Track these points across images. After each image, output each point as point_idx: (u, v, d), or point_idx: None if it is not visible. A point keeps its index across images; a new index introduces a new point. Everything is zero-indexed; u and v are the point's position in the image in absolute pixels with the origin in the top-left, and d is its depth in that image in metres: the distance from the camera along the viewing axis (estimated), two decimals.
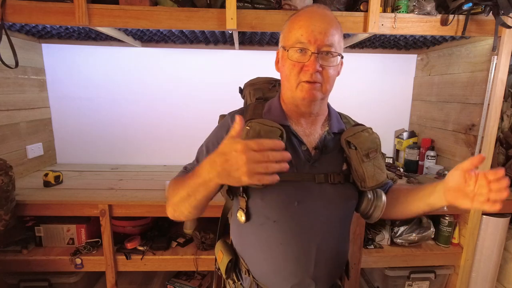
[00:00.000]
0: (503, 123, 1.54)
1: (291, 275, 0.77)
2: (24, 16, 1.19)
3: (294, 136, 0.78)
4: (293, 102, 0.78)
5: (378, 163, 0.79)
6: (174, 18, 1.22)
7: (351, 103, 1.98)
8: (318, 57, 0.70)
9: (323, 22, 0.71)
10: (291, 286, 0.77)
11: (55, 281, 1.46)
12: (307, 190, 0.76)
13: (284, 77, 0.76)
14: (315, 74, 0.70)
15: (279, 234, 0.76)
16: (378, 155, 0.79)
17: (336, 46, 0.72)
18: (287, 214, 0.75)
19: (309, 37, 0.70)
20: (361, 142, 0.77)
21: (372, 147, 0.78)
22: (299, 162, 0.76)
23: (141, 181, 1.64)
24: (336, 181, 0.77)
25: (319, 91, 0.73)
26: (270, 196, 0.75)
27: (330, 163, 0.79)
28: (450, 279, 1.63)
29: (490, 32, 1.29)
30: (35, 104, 1.76)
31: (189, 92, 1.93)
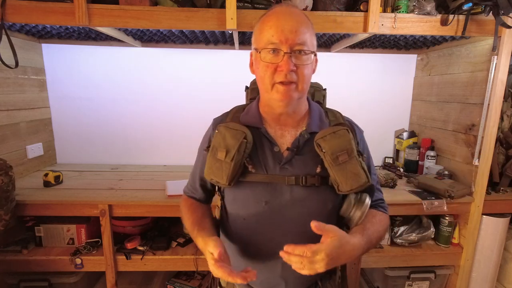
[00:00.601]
0: (503, 123, 1.54)
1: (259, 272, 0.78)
2: (24, 16, 1.19)
3: (266, 138, 0.79)
4: (268, 103, 0.79)
5: (352, 166, 0.73)
6: (174, 18, 1.22)
7: (351, 103, 1.98)
8: (291, 57, 0.70)
9: (293, 21, 0.70)
10: (260, 282, 0.82)
11: (55, 281, 1.46)
12: (276, 192, 0.77)
13: (259, 79, 0.76)
14: (289, 74, 0.70)
15: (248, 232, 0.81)
16: (351, 159, 0.73)
17: (308, 44, 0.72)
18: (255, 213, 0.78)
19: (280, 37, 0.69)
20: (329, 145, 0.73)
21: (341, 150, 0.73)
22: (270, 163, 0.78)
23: (141, 181, 1.64)
24: (309, 183, 0.76)
25: (295, 92, 0.73)
26: (240, 196, 0.80)
27: (304, 165, 0.77)
28: (450, 279, 1.63)
29: (490, 32, 1.29)
30: (35, 104, 1.76)
31: (189, 92, 1.93)
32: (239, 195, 0.80)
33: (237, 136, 0.75)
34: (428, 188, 1.51)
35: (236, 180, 0.77)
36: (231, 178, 0.76)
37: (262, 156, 0.78)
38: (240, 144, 0.74)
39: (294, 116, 0.80)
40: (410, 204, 1.43)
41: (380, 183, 1.57)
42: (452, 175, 1.62)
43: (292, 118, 0.80)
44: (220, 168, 0.76)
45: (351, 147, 0.74)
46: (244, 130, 0.76)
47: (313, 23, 1.22)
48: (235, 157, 0.74)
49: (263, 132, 0.80)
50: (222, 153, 0.75)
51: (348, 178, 0.73)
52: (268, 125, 0.81)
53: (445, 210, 1.43)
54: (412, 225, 1.55)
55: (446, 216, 1.52)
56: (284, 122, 0.81)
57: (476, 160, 1.45)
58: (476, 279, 1.57)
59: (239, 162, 0.75)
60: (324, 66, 1.92)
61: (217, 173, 0.77)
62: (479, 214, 1.48)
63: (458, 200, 1.44)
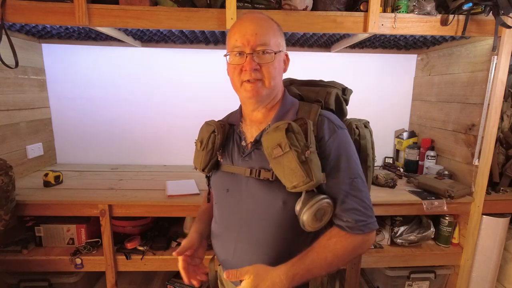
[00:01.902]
0: (503, 123, 1.54)
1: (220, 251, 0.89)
2: (24, 16, 1.20)
3: (237, 133, 0.89)
4: (242, 101, 0.88)
5: (288, 162, 0.71)
6: (174, 18, 1.22)
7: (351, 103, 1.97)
8: (254, 57, 0.77)
9: (253, 25, 0.78)
10: (221, 262, 0.90)
11: (55, 281, 1.46)
12: (236, 181, 0.85)
13: (231, 81, 0.84)
14: (253, 72, 0.77)
15: (217, 215, 0.92)
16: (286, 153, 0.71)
17: (271, 44, 0.78)
18: (221, 199, 0.90)
19: (243, 40, 0.77)
20: (266, 140, 0.75)
21: (275, 144, 0.73)
22: (235, 155, 0.87)
23: (141, 181, 1.64)
24: (262, 177, 0.79)
25: (262, 88, 0.79)
26: (214, 182, 0.93)
27: (262, 159, 0.80)
28: (450, 279, 1.63)
29: (490, 32, 1.29)
30: (35, 104, 1.76)
31: (189, 92, 1.93)
32: (214, 181, 0.93)
33: (209, 130, 0.88)
34: (428, 188, 1.51)
35: (209, 168, 0.90)
36: (204, 165, 0.89)
37: (232, 149, 0.88)
38: (209, 136, 0.87)
39: (264, 112, 0.85)
40: (410, 204, 1.43)
41: (380, 183, 1.58)
42: (452, 175, 1.62)
43: (262, 114, 0.86)
44: (198, 157, 0.91)
45: (284, 141, 0.72)
46: (215, 125, 0.88)
47: (313, 23, 1.25)
48: (206, 147, 0.87)
49: (235, 128, 0.90)
50: (199, 144, 0.91)
51: (286, 173, 0.72)
52: (244, 121, 0.91)
53: (445, 210, 1.43)
54: (412, 225, 1.55)
55: (446, 216, 1.52)
56: (256, 119, 0.87)
57: (476, 160, 1.45)
58: (476, 279, 1.57)
59: (210, 152, 0.87)
60: (324, 66, 1.92)
61: (196, 161, 0.93)
62: (479, 214, 1.48)
63: (458, 200, 1.44)
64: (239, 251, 0.83)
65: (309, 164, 0.71)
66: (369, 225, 0.76)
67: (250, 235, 0.82)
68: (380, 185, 1.58)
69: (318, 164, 0.73)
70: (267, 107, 0.85)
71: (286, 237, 0.80)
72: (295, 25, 1.25)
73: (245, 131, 0.88)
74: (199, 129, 0.94)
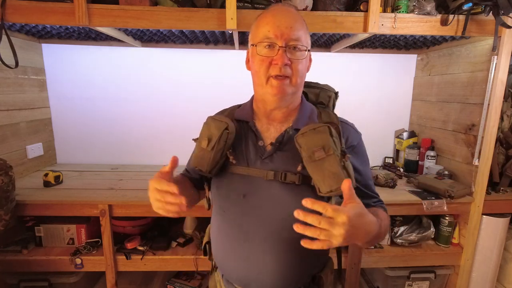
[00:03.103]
0: (503, 123, 1.54)
1: (235, 267, 0.79)
2: (24, 16, 1.19)
3: (253, 131, 0.81)
4: (263, 98, 0.79)
5: (330, 165, 0.69)
6: (174, 18, 1.22)
7: (351, 103, 1.98)
8: (286, 51, 0.72)
9: (288, 18, 0.73)
10: (235, 278, 0.81)
11: (55, 281, 1.46)
12: (255, 185, 0.77)
13: (254, 74, 0.78)
14: (284, 67, 0.72)
15: (226, 225, 0.81)
16: (329, 156, 0.69)
17: (302, 40, 0.74)
18: (233, 206, 0.79)
19: (276, 32, 0.72)
20: (306, 141, 0.71)
21: (317, 146, 0.70)
22: (252, 156, 0.78)
23: (141, 181, 1.64)
24: (288, 180, 0.74)
25: (289, 86, 0.74)
26: (222, 186, 0.81)
27: (285, 162, 0.76)
28: (450, 279, 1.63)
29: (490, 32, 1.29)
30: (35, 104, 1.76)
31: (189, 92, 1.93)
32: (221, 186, 0.81)
33: (220, 126, 0.77)
34: (428, 188, 1.51)
35: (217, 169, 0.79)
36: (211, 167, 0.77)
37: (246, 149, 0.80)
38: (222, 133, 0.76)
39: (285, 111, 0.81)
40: (410, 204, 1.43)
41: (380, 183, 1.58)
42: (452, 175, 1.62)
43: (282, 113, 0.81)
44: (202, 157, 0.78)
45: (328, 144, 0.70)
46: (227, 121, 0.78)
47: (313, 23, 1.25)
48: (216, 146, 0.76)
49: (251, 126, 0.82)
50: (205, 142, 0.78)
51: (326, 177, 0.69)
52: (258, 119, 0.83)
53: (445, 210, 1.43)
54: (412, 225, 1.55)
55: (446, 216, 1.52)
56: (273, 117, 0.81)
57: (476, 160, 1.45)
58: (476, 279, 1.57)
59: (220, 152, 0.77)
60: (324, 66, 1.92)
61: (200, 161, 0.79)
62: (479, 214, 1.48)
63: (458, 200, 1.44)
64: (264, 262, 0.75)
65: (347, 169, 0.70)
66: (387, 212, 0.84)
67: (274, 244, 0.75)
68: (380, 185, 1.58)
69: (352, 169, 0.73)
70: (289, 107, 0.80)
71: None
72: None
73: (262, 131, 0.81)
74: (203, 125, 0.83)
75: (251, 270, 0.77)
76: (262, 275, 0.76)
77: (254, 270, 0.77)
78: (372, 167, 1.98)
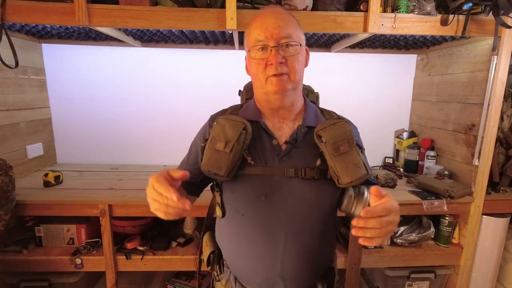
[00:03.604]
0: (503, 123, 1.54)
1: (258, 270, 0.78)
2: (24, 16, 1.19)
3: (265, 131, 0.80)
4: (265, 98, 0.80)
5: (353, 157, 0.74)
6: (174, 18, 1.22)
7: (351, 103, 1.98)
8: (279, 50, 0.74)
9: (275, 18, 0.75)
10: (259, 281, 0.79)
11: (55, 281, 1.46)
12: (275, 184, 0.76)
13: (254, 77, 0.80)
14: (279, 66, 0.73)
15: (246, 228, 0.78)
16: (352, 149, 0.74)
17: (293, 36, 0.76)
18: (254, 208, 0.77)
19: (266, 33, 0.74)
20: (330, 135, 0.75)
21: (342, 139, 0.74)
22: (268, 156, 0.78)
23: (141, 181, 1.64)
24: (308, 176, 0.76)
25: (288, 82, 0.76)
26: (239, 189, 0.78)
27: (303, 158, 0.78)
28: (450, 279, 1.63)
29: (490, 32, 1.29)
30: (35, 104, 1.76)
31: (189, 92, 1.93)
32: (238, 188, 0.78)
33: (237, 127, 0.76)
34: (428, 188, 1.51)
35: (234, 172, 0.75)
36: (230, 170, 0.74)
37: (261, 148, 0.79)
38: (240, 134, 0.75)
39: (292, 109, 0.82)
40: (410, 204, 1.43)
41: (380, 183, 1.58)
42: (452, 175, 1.62)
43: (290, 112, 0.82)
44: (219, 159, 0.75)
45: (352, 137, 0.75)
46: (244, 121, 0.77)
47: (313, 23, 1.25)
48: (235, 148, 0.74)
49: (262, 125, 0.81)
50: (221, 144, 0.75)
51: (349, 169, 0.73)
52: (266, 118, 0.83)
53: (445, 210, 1.43)
54: (412, 225, 1.55)
55: (446, 216, 1.52)
56: (282, 116, 0.82)
57: (476, 160, 1.45)
58: (476, 279, 1.57)
59: (239, 153, 0.75)
60: (324, 66, 1.92)
61: (215, 164, 0.75)
62: (479, 214, 1.48)
63: (458, 200, 1.44)
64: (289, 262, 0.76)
65: (363, 161, 0.76)
66: None
67: (299, 241, 0.76)
68: (380, 185, 1.58)
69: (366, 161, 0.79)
70: (294, 104, 0.81)
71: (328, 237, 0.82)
72: None
73: (273, 130, 0.81)
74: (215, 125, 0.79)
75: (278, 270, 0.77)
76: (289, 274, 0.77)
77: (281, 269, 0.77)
78: (372, 167, 1.98)
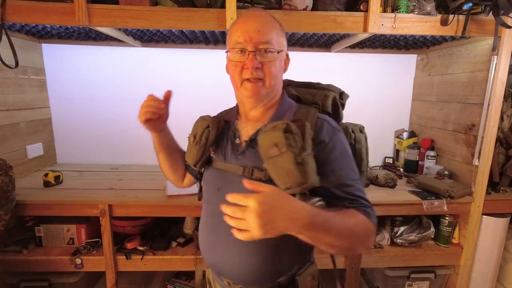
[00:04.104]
0: (503, 123, 1.54)
1: (208, 255, 0.86)
2: (24, 16, 1.20)
3: (232, 130, 0.87)
4: (241, 100, 0.86)
5: (283, 162, 0.69)
6: (174, 18, 1.22)
7: (351, 103, 1.97)
8: (256, 55, 0.75)
9: (256, 22, 0.76)
10: (210, 266, 0.88)
11: (55, 281, 1.46)
12: (228, 180, 0.82)
13: (231, 78, 0.83)
14: (255, 71, 0.75)
15: (205, 215, 0.89)
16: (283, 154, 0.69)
17: (273, 43, 0.77)
18: (211, 199, 0.86)
19: (245, 37, 0.75)
20: (262, 138, 0.73)
21: (272, 143, 0.71)
22: (228, 153, 0.84)
23: (141, 181, 1.64)
24: (255, 177, 0.76)
25: (262, 88, 0.77)
26: (205, 180, 0.91)
27: (256, 158, 0.77)
28: (450, 279, 1.63)
29: (490, 32, 1.29)
30: (35, 104, 1.76)
31: (189, 92, 1.93)
32: (205, 179, 0.90)
33: (203, 125, 0.87)
34: (428, 188, 1.51)
35: (201, 163, 0.88)
36: (196, 161, 0.87)
37: (226, 146, 0.86)
38: (203, 131, 0.86)
39: (262, 110, 0.84)
40: (410, 204, 1.43)
41: (380, 183, 1.58)
42: (452, 175, 1.62)
43: (259, 112, 0.84)
44: (190, 152, 0.89)
45: (281, 141, 0.69)
46: (209, 120, 0.87)
47: (313, 23, 1.25)
48: (199, 142, 0.86)
49: (232, 124, 0.89)
50: (192, 138, 0.89)
51: (280, 174, 0.70)
52: (241, 120, 0.88)
53: (445, 210, 1.43)
54: (412, 225, 1.55)
55: (446, 216, 1.52)
56: (252, 117, 0.86)
57: (476, 160, 1.45)
58: (476, 279, 1.57)
59: (203, 147, 0.85)
60: (324, 66, 1.92)
61: (188, 155, 0.90)
62: (479, 214, 1.48)
63: (458, 200, 1.44)
64: (227, 255, 0.80)
65: (304, 166, 0.69)
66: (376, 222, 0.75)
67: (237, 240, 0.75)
68: (380, 185, 1.58)
69: (313, 166, 0.71)
70: (266, 106, 0.83)
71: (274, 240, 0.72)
72: (295, 25, 1.25)
73: (240, 129, 0.86)
74: (194, 124, 0.92)
75: (220, 259, 0.82)
76: (228, 265, 0.80)
77: (222, 259, 0.81)
78: (372, 167, 1.98)
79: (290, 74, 0.98)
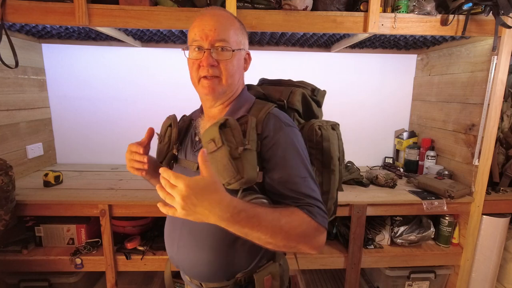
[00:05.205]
0: (503, 123, 1.54)
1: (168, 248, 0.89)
2: (24, 16, 1.19)
3: (193, 127, 0.90)
4: (200, 97, 0.87)
5: (221, 157, 0.70)
6: (174, 18, 1.22)
7: (351, 103, 1.98)
8: (212, 53, 0.75)
9: (213, 20, 0.76)
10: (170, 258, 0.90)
11: (55, 281, 1.46)
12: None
13: (190, 76, 0.83)
14: (211, 68, 0.76)
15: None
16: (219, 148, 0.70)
17: (230, 41, 0.77)
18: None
19: (201, 35, 0.75)
20: (203, 134, 0.75)
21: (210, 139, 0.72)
22: (189, 150, 0.87)
23: (141, 181, 1.64)
24: None
25: (219, 85, 0.78)
26: None
27: None
28: (450, 279, 1.63)
29: (490, 32, 1.29)
30: (35, 104, 1.76)
31: (189, 92, 1.92)
32: None
33: (166, 123, 0.92)
34: (428, 188, 1.51)
35: (167, 161, 0.90)
36: (162, 158, 0.91)
37: (187, 143, 0.89)
38: (166, 129, 0.90)
39: (220, 108, 0.85)
40: (410, 204, 1.44)
41: (380, 183, 1.58)
42: (452, 175, 1.62)
43: (218, 111, 0.85)
44: (158, 150, 0.94)
45: (217, 136, 0.70)
46: (172, 118, 0.90)
47: (313, 23, 1.25)
48: (163, 140, 0.90)
49: (192, 123, 0.92)
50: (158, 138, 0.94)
51: (218, 169, 0.70)
52: (203, 117, 0.90)
53: (445, 210, 1.43)
54: (412, 225, 1.55)
55: (446, 216, 1.52)
56: (212, 115, 0.86)
57: (476, 160, 1.45)
58: (476, 279, 1.57)
59: (167, 145, 0.89)
60: (324, 66, 1.92)
61: (157, 153, 0.94)
62: (479, 214, 1.48)
63: (458, 200, 1.44)
64: (181, 248, 0.82)
65: (242, 161, 0.69)
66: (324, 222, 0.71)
67: (190, 233, 0.80)
68: (380, 185, 1.58)
69: (253, 162, 0.71)
70: (224, 104, 0.84)
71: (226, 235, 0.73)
72: (295, 25, 1.25)
73: (200, 126, 0.88)
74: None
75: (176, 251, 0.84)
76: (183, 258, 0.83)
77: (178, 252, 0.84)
78: (372, 167, 1.98)
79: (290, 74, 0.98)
